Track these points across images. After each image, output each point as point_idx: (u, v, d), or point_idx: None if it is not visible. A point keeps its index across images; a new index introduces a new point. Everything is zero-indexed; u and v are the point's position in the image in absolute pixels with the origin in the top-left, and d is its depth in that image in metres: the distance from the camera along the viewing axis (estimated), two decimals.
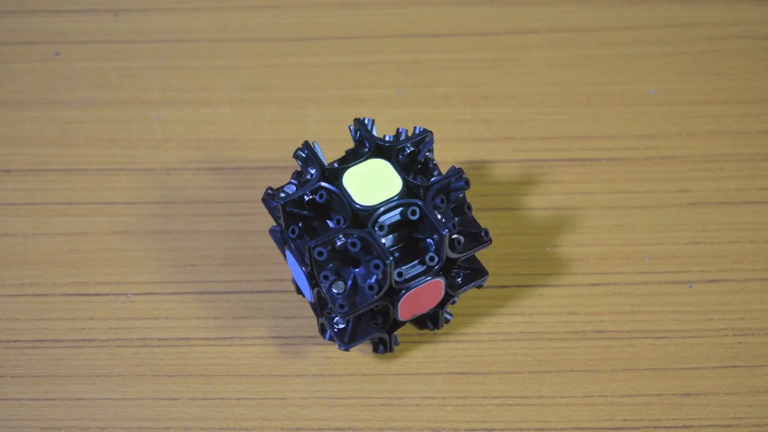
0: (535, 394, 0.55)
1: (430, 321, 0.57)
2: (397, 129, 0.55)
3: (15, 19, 0.70)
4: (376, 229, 0.51)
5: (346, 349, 0.53)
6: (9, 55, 0.68)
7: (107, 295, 0.59)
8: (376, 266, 0.50)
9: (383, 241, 0.51)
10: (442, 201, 0.52)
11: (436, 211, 0.52)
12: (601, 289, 0.58)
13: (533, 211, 0.61)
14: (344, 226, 0.51)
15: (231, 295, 0.58)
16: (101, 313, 0.58)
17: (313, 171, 0.53)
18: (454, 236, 0.52)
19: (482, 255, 0.59)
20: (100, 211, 0.62)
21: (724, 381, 0.55)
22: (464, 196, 0.54)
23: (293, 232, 0.52)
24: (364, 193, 0.52)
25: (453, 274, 0.54)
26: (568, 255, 0.59)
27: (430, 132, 0.54)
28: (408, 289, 0.52)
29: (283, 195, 0.52)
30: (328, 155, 0.62)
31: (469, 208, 0.54)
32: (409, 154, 0.54)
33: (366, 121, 0.54)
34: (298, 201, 0.52)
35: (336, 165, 0.53)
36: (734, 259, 0.59)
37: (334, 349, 0.57)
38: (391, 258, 0.50)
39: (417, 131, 0.54)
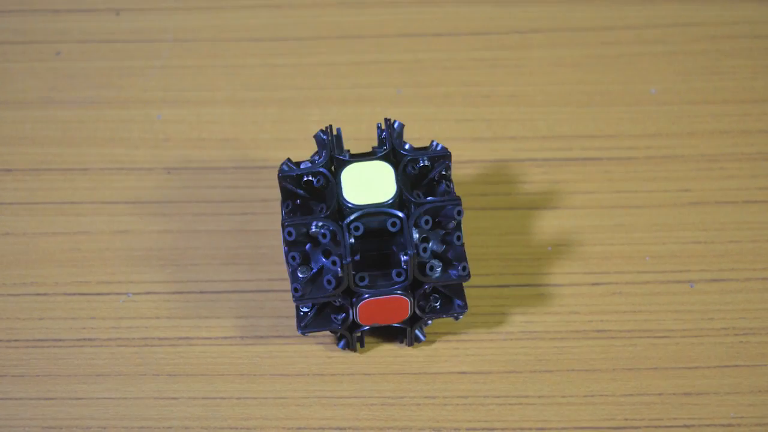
0: (536, 394, 0.55)
1: (401, 335, 0.56)
2: (432, 142, 0.54)
3: (16, 19, 0.70)
4: (351, 227, 0.51)
5: (303, 333, 0.54)
6: (10, 54, 0.68)
7: (108, 294, 0.59)
8: (334, 263, 0.51)
9: (351, 240, 0.51)
10: (426, 222, 0.52)
11: (415, 230, 0.51)
12: (602, 288, 0.58)
13: (534, 211, 0.61)
14: (324, 215, 0.51)
15: (232, 294, 0.58)
16: (102, 313, 0.58)
17: (324, 154, 0.53)
18: (430, 262, 0.52)
19: (483, 255, 0.59)
20: (101, 210, 0.62)
21: (725, 380, 0.55)
22: (459, 225, 0.53)
23: (288, 206, 0.53)
24: (356, 190, 0.52)
25: (429, 297, 0.54)
26: (569, 255, 0.59)
27: (449, 153, 0.53)
28: (367, 295, 0.52)
29: (285, 167, 0.53)
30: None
31: (459, 239, 0.53)
32: (421, 168, 0.54)
33: (396, 125, 0.54)
34: (296, 178, 0.52)
35: (347, 157, 0.53)
36: (735, 258, 0.59)
37: (335, 349, 0.57)
38: (350, 258, 0.50)
39: (437, 148, 0.54)
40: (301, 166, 0.53)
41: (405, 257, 0.51)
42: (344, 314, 0.54)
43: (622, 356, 0.56)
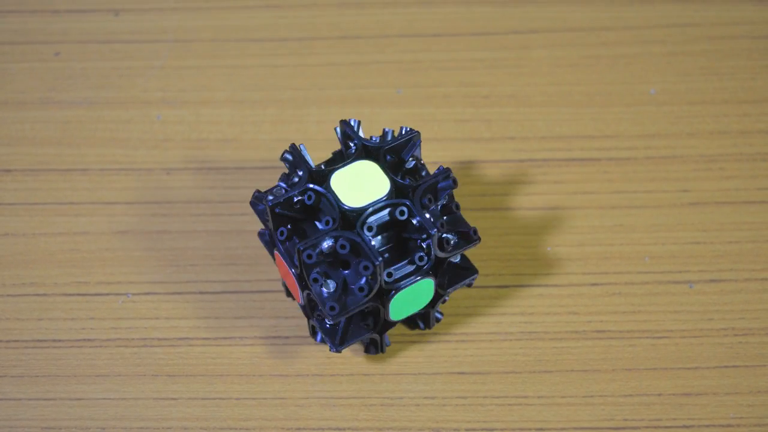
0: (535, 394, 0.55)
1: (421, 321, 0.56)
2: (383, 129, 0.54)
3: (15, 19, 0.70)
4: (365, 230, 0.51)
5: (338, 351, 0.53)
6: (9, 54, 0.68)
7: (107, 294, 0.59)
8: (366, 267, 0.50)
9: (372, 242, 0.51)
10: (429, 200, 0.52)
11: (424, 211, 0.51)
12: (601, 288, 0.58)
13: (534, 211, 0.61)
14: (333, 228, 0.51)
15: (231, 294, 0.58)
16: (101, 313, 0.58)
17: (300, 173, 0.53)
18: (444, 236, 0.52)
19: (483, 255, 0.59)
20: (100, 210, 0.62)
21: (725, 381, 0.55)
22: (452, 195, 0.54)
23: (282, 234, 0.52)
24: (352, 194, 0.52)
25: (443, 273, 0.54)
26: (569, 255, 0.59)
27: (417, 132, 0.54)
28: (398, 289, 0.52)
29: (270, 197, 0.52)
30: (329, 155, 0.62)
31: (457, 207, 0.54)
32: (397, 155, 0.54)
33: (352, 122, 0.54)
34: (286, 203, 0.52)
35: (323, 167, 0.53)
36: (734, 259, 0.59)
37: None
38: (380, 259, 0.50)
39: (404, 131, 0.54)
40: (274, 192, 0.53)
41: (421, 240, 0.51)
42: (372, 318, 0.53)
43: (622, 357, 0.56)
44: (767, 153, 0.63)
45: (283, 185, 0.53)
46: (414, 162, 0.54)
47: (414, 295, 0.53)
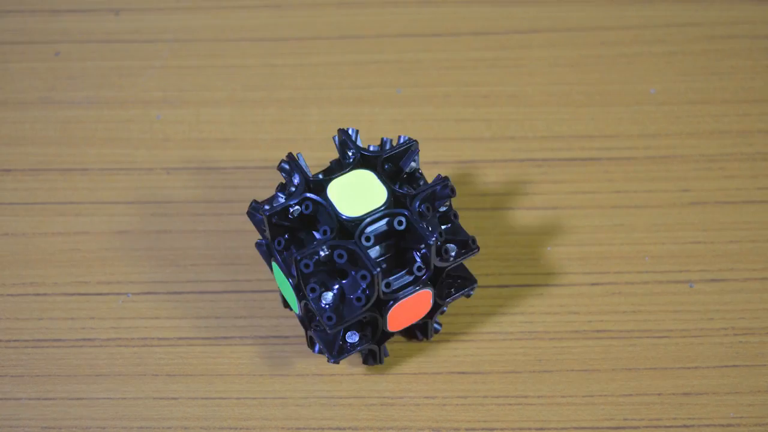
0: (535, 394, 0.55)
1: (419, 331, 0.56)
2: (382, 138, 0.54)
3: (15, 19, 0.70)
4: (363, 240, 0.50)
5: (336, 362, 0.53)
6: (10, 54, 0.68)
7: (107, 294, 0.59)
8: (363, 277, 0.50)
9: (370, 252, 0.51)
10: (428, 209, 0.52)
11: (422, 220, 0.51)
12: (601, 288, 0.58)
13: (534, 211, 0.61)
14: (331, 237, 0.50)
15: (231, 294, 0.58)
16: (101, 313, 0.58)
17: (297, 182, 0.52)
18: (443, 246, 0.52)
19: (483, 255, 0.59)
20: (100, 210, 0.62)
21: (725, 380, 0.55)
22: (451, 204, 0.54)
23: (279, 243, 0.52)
24: (349, 203, 0.51)
25: (441, 283, 0.54)
26: (569, 254, 0.59)
27: (415, 141, 0.53)
28: (396, 300, 0.51)
29: (267, 207, 0.51)
30: (329, 155, 0.62)
31: (456, 216, 0.53)
32: (395, 164, 0.53)
33: (350, 132, 0.54)
34: (283, 212, 0.51)
35: (320, 176, 0.53)
36: (735, 258, 0.59)
37: None
38: (378, 269, 0.49)
39: (401, 140, 0.54)
40: (273, 201, 0.53)
41: (419, 250, 0.51)
42: (370, 328, 0.53)
43: (622, 356, 0.56)
44: (767, 153, 0.63)
45: (281, 195, 0.53)
46: (412, 170, 0.54)
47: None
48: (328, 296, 0.51)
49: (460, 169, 0.63)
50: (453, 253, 0.52)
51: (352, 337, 0.53)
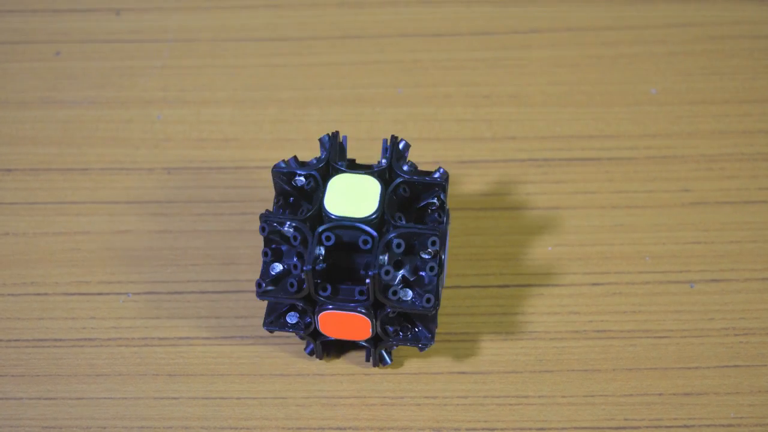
0: (535, 394, 0.55)
1: (368, 354, 0.56)
2: (409, 161, 0.53)
3: (16, 19, 0.70)
4: (323, 237, 0.50)
5: (268, 330, 0.53)
6: (10, 54, 0.68)
7: (108, 294, 0.59)
8: (295, 266, 0.51)
9: (321, 249, 0.50)
10: (398, 246, 0.50)
11: (384, 253, 0.50)
12: (602, 288, 0.58)
13: (534, 211, 0.61)
14: (302, 217, 0.51)
15: (232, 294, 0.58)
16: (102, 313, 0.58)
17: (322, 157, 0.53)
18: (394, 287, 0.51)
19: (483, 255, 0.59)
20: (101, 210, 0.62)
21: (726, 380, 0.55)
22: (436, 255, 0.51)
23: (278, 202, 0.53)
24: (339, 201, 0.51)
25: (396, 321, 0.53)
26: (569, 255, 0.59)
27: (441, 183, 0.52)
28: (329, 307, 0.51)
29: (282, 165, 0.53)
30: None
31: (432, 269, 0.51)
32: (415, 193, 0.53)
33: (401, 144, 0.53)
34: (287, 175, 0.52)
35: (343, 166, 0.53)
36: (735, 258, 0.59)
37: None
38: (309, 266, 0.49)
39: (439, 173, 0.53)
40: (293, 164, 0.53)
41: (368, 275, 0.50)
42: (309, 320, 0.53)
43: (622, 356, 0.56)
44: (767, 153, 0.63)
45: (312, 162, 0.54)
46: (427, 206, 0.53)
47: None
48: (278, 267, 0.52)
49: (461, 169, 0.63)
50: (403, 298, 0.51)
51: (291, 318, 0.53)
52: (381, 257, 0.50)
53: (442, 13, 0.70)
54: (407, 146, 0.54)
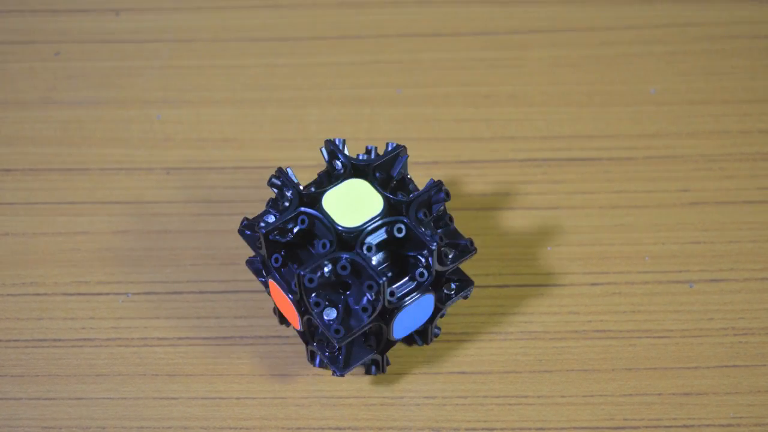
0: (535, 394, 0.55)
1: (419, 337, 0.56)
2: (366, 147, 0.54)
3: (15, 19, 0.70)
4: (364, 250, 0.50)
5: (342, 375, 0.52)
6: (9, 54, 0.68)
7: (107, 294, 0.59)
8: (370, 287, 0.49)
9: (372, 261, 0.50)
10: (425, 215, 0.51)
11: (421, 226, 0.51)
12: (601, 288, 0.58)
13: (533, 211, 0.61)
14: (331, 250, 0.50)
15: (231, 294, 0.58)
16: (101, 313, 0.58)
17: (290, 196, 0.52)
18: (442, 249, 0.52)
19: (483, 255, 0.59)
20: (100, 210, 0.62)
21: (725, 380, 0.55)
22: (445, 208, 0.53)
23: (277, 260, 0.52)
24: (346, 214, 0.51)
25: (440, 287, 0.53)
26: (569, 255, 0.59)
27: (404, 147, 0.53)
28: (401, 307, 0.51)
29: (263, 224, 0.51)
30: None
31: (451, 219, 0.53)
32: (384, 171, 0.53)
33: (337, 142, 0.53)
34: (279, 229, 0.51)
35: (312, 189, 0.53)
36: (735, 258, 0.59)
37: None
38: (384, 278, 0.49)
39: (389, 147, 0.53)
40: (264, 219, 0.52)
41: (421, 255, 0.50)
42: (374, 338, 0.53)
43: (622, 356, 0.56)
44: (767, 153, 0.63)
45: (273, 212, 0.53)
46: (400, 176, 0.54)
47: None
48: (332, 312, 0.50)
49: (460, 169, 0.63)
50: (451, 256, 0.52)
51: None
52: (426, 231, 0.50)
53: (442, 14, 0.70)
54: (343, 141, 0.54)
